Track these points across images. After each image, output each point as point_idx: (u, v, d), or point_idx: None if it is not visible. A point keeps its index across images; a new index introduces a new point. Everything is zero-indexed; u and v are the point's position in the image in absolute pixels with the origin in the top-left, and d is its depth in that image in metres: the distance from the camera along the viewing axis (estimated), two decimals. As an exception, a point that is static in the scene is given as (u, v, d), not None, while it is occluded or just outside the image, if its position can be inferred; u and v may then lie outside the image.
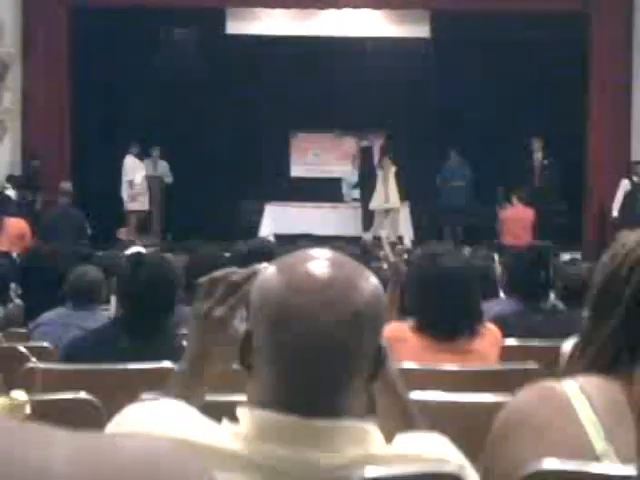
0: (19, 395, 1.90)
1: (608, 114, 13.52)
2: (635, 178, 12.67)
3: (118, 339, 3.45)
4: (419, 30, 14.55)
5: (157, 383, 1.91)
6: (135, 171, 13.51)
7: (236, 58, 14.92)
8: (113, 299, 4.28)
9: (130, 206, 13.45)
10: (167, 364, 3.06)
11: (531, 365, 3.13)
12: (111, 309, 4.43)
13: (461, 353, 3.25)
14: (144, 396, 1.83)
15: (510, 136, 14.00)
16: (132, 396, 1.77)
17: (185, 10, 14.06)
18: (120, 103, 14.54)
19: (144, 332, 3.45)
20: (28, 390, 2.06)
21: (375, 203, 13.59)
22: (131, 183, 13.37)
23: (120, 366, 3.26)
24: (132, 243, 8.89)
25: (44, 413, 1.75)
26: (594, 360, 1.50)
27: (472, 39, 14.35)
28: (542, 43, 13.86)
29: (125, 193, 13.45)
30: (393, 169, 13.58)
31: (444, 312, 3.24)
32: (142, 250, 5.77)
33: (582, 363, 1.51)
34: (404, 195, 13.64)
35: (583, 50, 13.76)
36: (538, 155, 13.74)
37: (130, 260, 3.90)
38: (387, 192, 13.50)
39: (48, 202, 12.60)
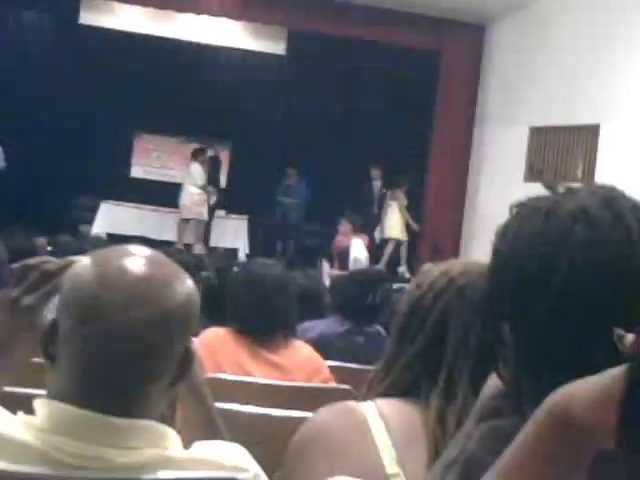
0: None
1: (449, 150, 13.99)
2: None
3: None
4: (275, 46, 14.61)
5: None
6: None
7: (88, 50, 14.53)
8: None
9: None
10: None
11: (344, 389, 3.19)
12: None
13: (275, 363, 3.36)
14: None
15: (352, 162, 14.22)
16: None
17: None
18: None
19: None
20: None
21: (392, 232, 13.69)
22: None
23: None
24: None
25: None
26: (394, 384, 1.53)
27: (327, 62, 14.53)
28: (395, 74, 14.16)
29: None
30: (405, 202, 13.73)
31: (256, 316, 3.40)
32: None
33: (383, 386, 1.54)
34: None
35: (432, 86, 14.18)
36: (377, 183, 14.06)
37: None
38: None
39: None
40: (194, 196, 13.23)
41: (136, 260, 1.40)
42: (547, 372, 1.02)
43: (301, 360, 3.40)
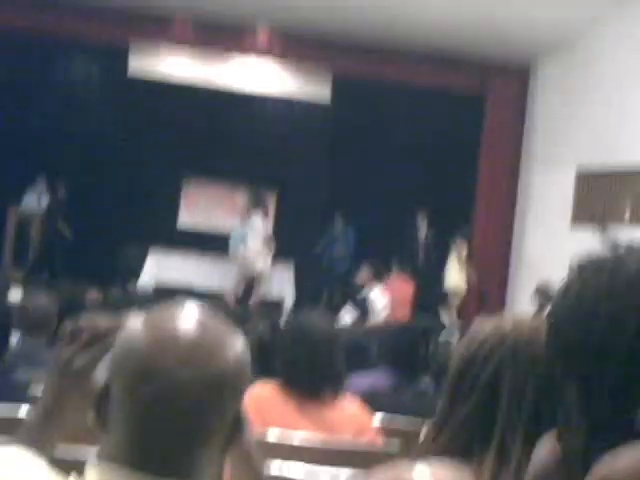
0: None
1: (494, 195, 13.94)
2: None
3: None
4: (320, 92, 14.66)
5: (8, 429, 1.83)
6: None
7: (136, 98, 14.74)
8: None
9: None
10: (18, 413, 2.96)
11: (392, 447, 3.16)
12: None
13: (321, 419, 3.33)
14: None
15: (397, 208, 14.21)
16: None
17: (87, 43, 13.82)
18: (11, 128, 14.12)
19: None
20: None
21: (451, 284, 13.44)
22: None
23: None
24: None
25: None
26: (448, 444, 1.50)
27: (371, 107, 14.58)
28: (439, 119, 14.18)
29: None
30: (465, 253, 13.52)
31: (303, 370, 3.38)
32: None
33: (436, 447, 1.52)
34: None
35: (477, 129, 14.18)
36: (423, 230, 14.03)
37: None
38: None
39: None
40: (256, 248, 13.30)
41: (187, 321, 1.41)
42: (617, 435, 0.98)
43: (349, 416, 3.37)
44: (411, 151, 14.61)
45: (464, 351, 1.57)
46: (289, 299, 13.77)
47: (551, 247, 12.54)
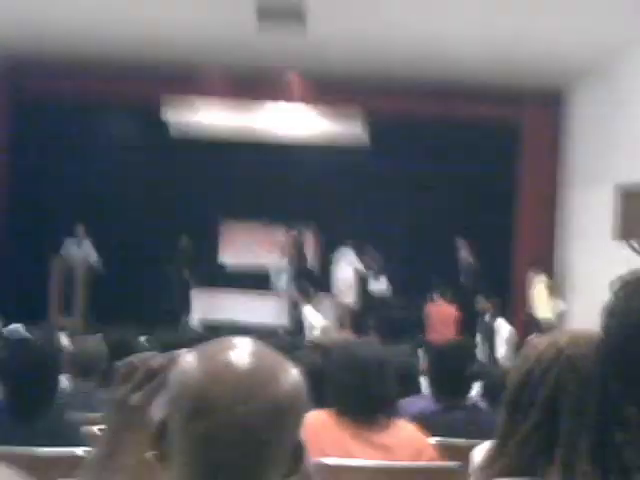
0: None
1: (534, 217, 13.88)
2: None
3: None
4: (353, 131, 14.75)
5: (68, 470, 1.84)
6: None
7: (171, 145, 14.95)
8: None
9: None
10: (78, 451, 2.97)
11: (452, 464, 3.14)
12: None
13: (378, 444, 3.31)
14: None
15: (437, 234, 14.20)
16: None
17: (123, 99, 14.12)
18: (56, 183, 14.41)
19: (25, 414, 3.38)
20: None
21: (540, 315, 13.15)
22: None
23: (28, 451, 3.15)
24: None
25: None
26: (511, 461, 1.48)
27: (405, 140, 14.62)
28: (474, 148, 14.18)
29: None
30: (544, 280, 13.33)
31: (357, 397, 3.36)
32: (20, 328, 5.65)
33: (498, 466, 1.49)
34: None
35: (513, 156, 14.15)
36: (463, 254, 13.98)
37: (8, 340, 3.79)
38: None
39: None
40: (349, 281, 13.71)
41: (240, 353, 1.39)
42: None
43: (405, 439, 3.35)
44: (449, 182, 14.62)
45: (521, 367, 1.55)
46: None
47: (595, 264, 12.44)
